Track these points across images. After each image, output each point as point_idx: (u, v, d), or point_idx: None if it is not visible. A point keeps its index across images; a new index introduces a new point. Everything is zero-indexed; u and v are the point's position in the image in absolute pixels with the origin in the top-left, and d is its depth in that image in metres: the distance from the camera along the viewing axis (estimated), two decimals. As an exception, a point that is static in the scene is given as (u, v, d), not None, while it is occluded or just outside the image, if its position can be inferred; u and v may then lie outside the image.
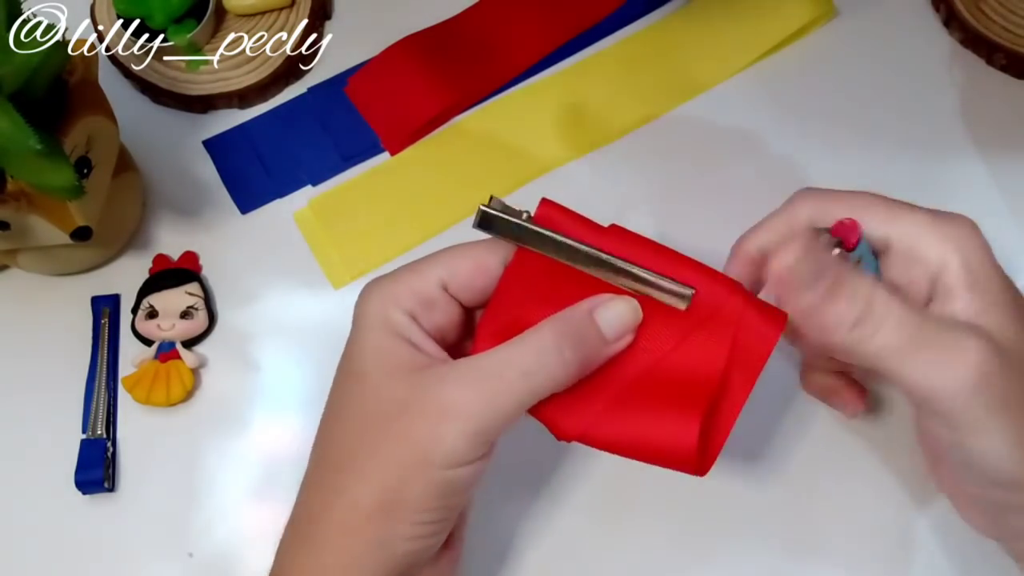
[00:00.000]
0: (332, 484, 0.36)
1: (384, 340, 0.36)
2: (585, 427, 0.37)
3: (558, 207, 0.38)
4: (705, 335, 0.37)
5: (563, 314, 0.36)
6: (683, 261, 0.38)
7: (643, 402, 0.37)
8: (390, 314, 0.36)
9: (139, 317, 0.51)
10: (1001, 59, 0.54)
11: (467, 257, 0.37)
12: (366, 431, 0.36)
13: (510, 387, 0.35)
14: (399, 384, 0.35)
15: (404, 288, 0.37)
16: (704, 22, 0.56)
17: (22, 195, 0.43)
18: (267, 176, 0.54)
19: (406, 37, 0.56)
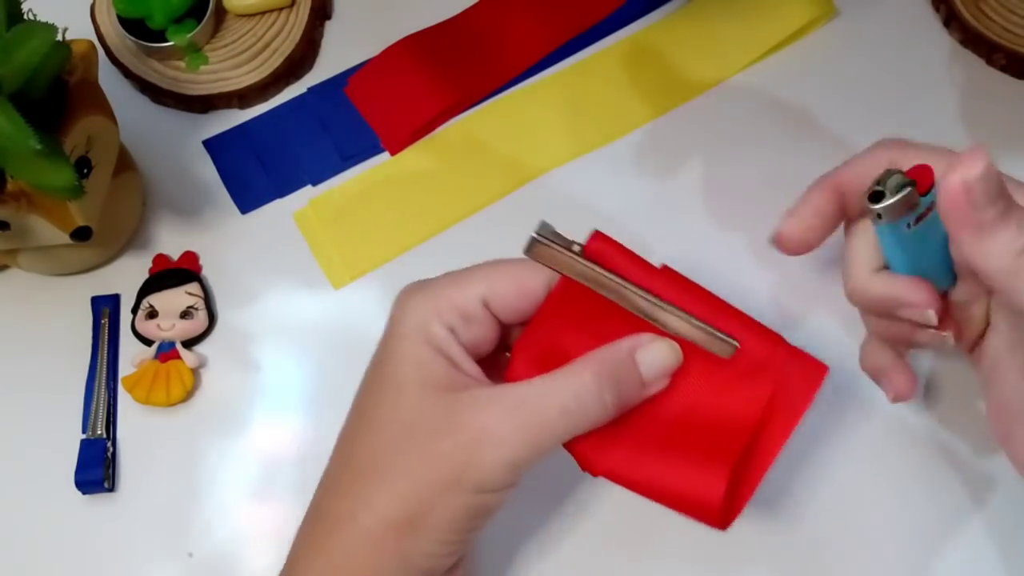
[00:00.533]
0: (358, 492, 0.36)
1: (424, 353, 0.36)
2: (613, 464, 0.37)
3: (610, 241, 0.38)
4: (743, 385, 0.37)
5: (605, 353, 0.36)
6: (729, 310, 0.37)
7: (673, 447, 0.37)
8: (431, 326, 0.36)
9: (139, 317, 0.51)
10: (1001, 59, 0.54)
11: (511, 277, 0.37)
12: (399, 444, 0.36)
13: (549, 423, 0.35)
14: (437, 402, 0.35)
15: (446, 300, 0.37)
16: (704, 22, 0.56)
17: (22, 195, 0.43)
18: (267, 176, 0.54)
19: (406, 37, 0.56)
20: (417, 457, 0.35)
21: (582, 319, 0.37)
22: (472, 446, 0.35)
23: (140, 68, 0.55)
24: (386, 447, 0.36)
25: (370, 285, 0.52)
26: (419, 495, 0.35)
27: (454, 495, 0.35)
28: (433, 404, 0.35)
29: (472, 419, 0.35)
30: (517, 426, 0.35)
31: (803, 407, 0.37)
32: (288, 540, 0.48)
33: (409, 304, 0.37)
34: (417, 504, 0.35)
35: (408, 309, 0.37)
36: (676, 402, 0.37)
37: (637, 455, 0.37)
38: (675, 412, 0.37)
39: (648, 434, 0.37)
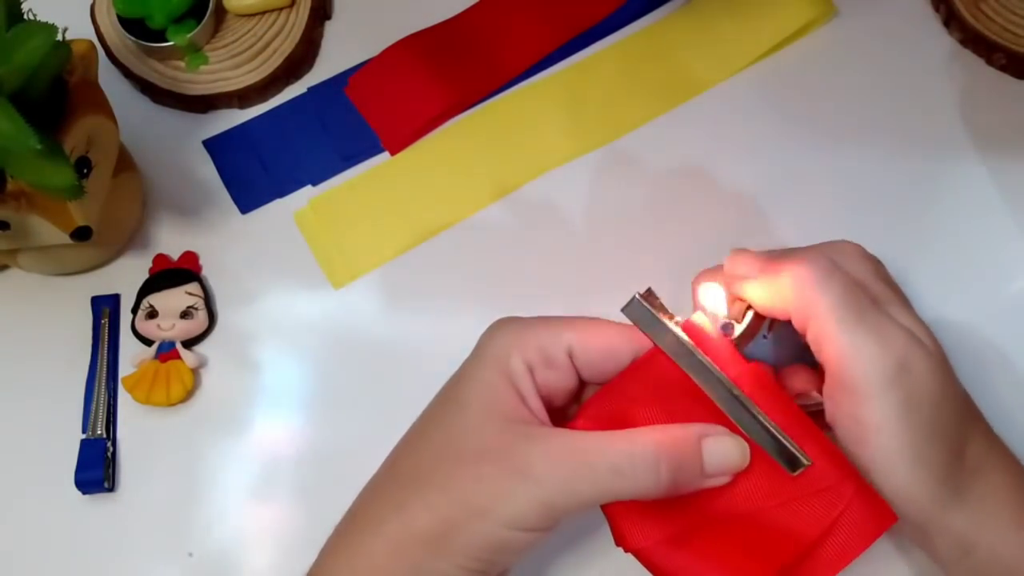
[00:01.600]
0: (393, 498, 0.37)
1: (495, 380, 0.37)
2: (648, 546, 0.36)
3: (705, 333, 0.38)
4: (802, 507, 0.35)
5: (673, 430, 0.36)
6: (810, 429, 0.36)
7: (713, 550, 0.36)
8: (510, 358, 0.37)
9: (139, 317, 0.51)
10: (1001, 59, 0.54)
11: (601, 335, 0.38)
12: (445, 460, 0.36)
13: (594, 475, 0.34)
14: (493, 428, 0.36)
15: (532, 338, 0.37)
16: (704, 22, 0.56)
17: (22, 195, 0.43)
18: (267, 176, 0.54)
19: (406, 37, 0.56)
20: (458, 476, 0.35)
21: (658, 394, 0.37)
22: (511, 477, 0.35)
23: (140, 68, 0.55)
24: (432, 460, 0.36)
25: (370, 285, 0.52)
26: (449, 513, 0.35)
27: (483, 522, 0.35)
28: (488, 429, 0.36)
29: (519, 451, 0.35)
30: (560, 468, 0.34)
31: (861, 547, 0.35)
32: (288, 540, 0.48)
33: (496, 334, 0.38)
34: (445, 522, 0.35)
35: (494, 338, 0.38)
36: (727, 504, 0.36)
37: (674, 545, 0.36)
38: (723, 514, 0.36)
39: (692, 528, 0.36)
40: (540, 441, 0.35)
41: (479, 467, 0.35)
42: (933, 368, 0.37)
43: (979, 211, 0.52)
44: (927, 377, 0.36)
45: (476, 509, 0.35)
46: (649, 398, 0.37)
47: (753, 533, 0.36)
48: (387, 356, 0.51)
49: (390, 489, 0.37)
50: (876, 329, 0.36)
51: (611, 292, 0.40)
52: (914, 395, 0.36)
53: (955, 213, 0.52)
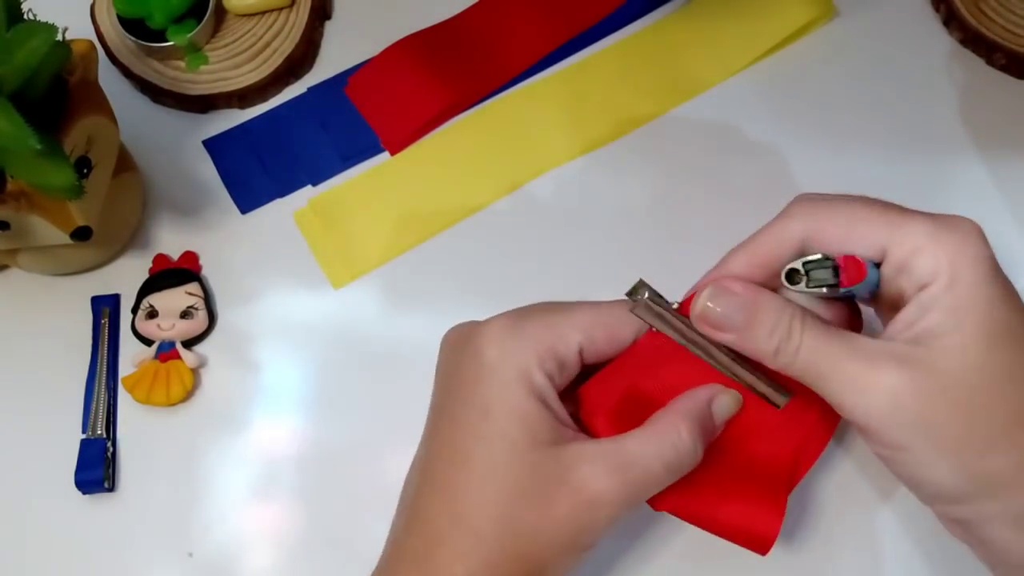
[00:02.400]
0: (472, 552, 0.36)
1: (530, 405, 0.36)
2: (677, 501, 0.39)
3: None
4: (786, 423, 0.39)
5: (692, 406, 0.38)
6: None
7: (729, 484, 0.39)
8: (535, 376, 0.37)
9: (139, 317, 0.51)
10: (1001, 59, 0.54)
11: (606, 326, 0.38)
12: (515, 504, 0.36)
13: (653, 479, 0.37)
14: (546, 460, 0.36)
15: (547, 348, 0.37)
16: (704, 22, 0.56)
17: (22, 195, 0.43)
18: (267, 176, 0.54)
19: (406, 37, 0.56)
20: (537, 520, 0.35)
21: (657, 368, 0.39)
22: (589, 510, 0.35)
23: (140, 68, 0.55)
24: (504, 507, 0.36)
25: (370, 285, 0.52)
26: (538, 559, 0.36)
27: (569, 555, 0.36)
28: (544, 464, 0.36)
29: (584, 481, 0.35)
30: (627, 485, 0.36)
31: (827, 437, 0.40)
32: (288, 540, 0.48)
33: (507, 344, 0.37)
34: (535, 567, 0.36)
35: (507, 349, 0.37)
36: (730, 442, 0.40)
37: (698, 492, 0.39)
38: (729, 451, 0.40)
39: (707, 470, 0.39)
40: (596, 464, 0.36)
41: (554, 508, 0.35)
42: None
43: (979, 211, 0.52)
44: None
45: (561, 548, 0.36)
46: (652, 371, 0.39)
47: (758, 462, 0.39)
48: (387, 356, 0.51)
49: (465, 540, 0.36)
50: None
51: (612, 291, 0.40)
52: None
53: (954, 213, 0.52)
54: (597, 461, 0.36)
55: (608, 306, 0.39)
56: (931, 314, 0.34)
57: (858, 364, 0.35)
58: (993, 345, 0.34)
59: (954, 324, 0.34)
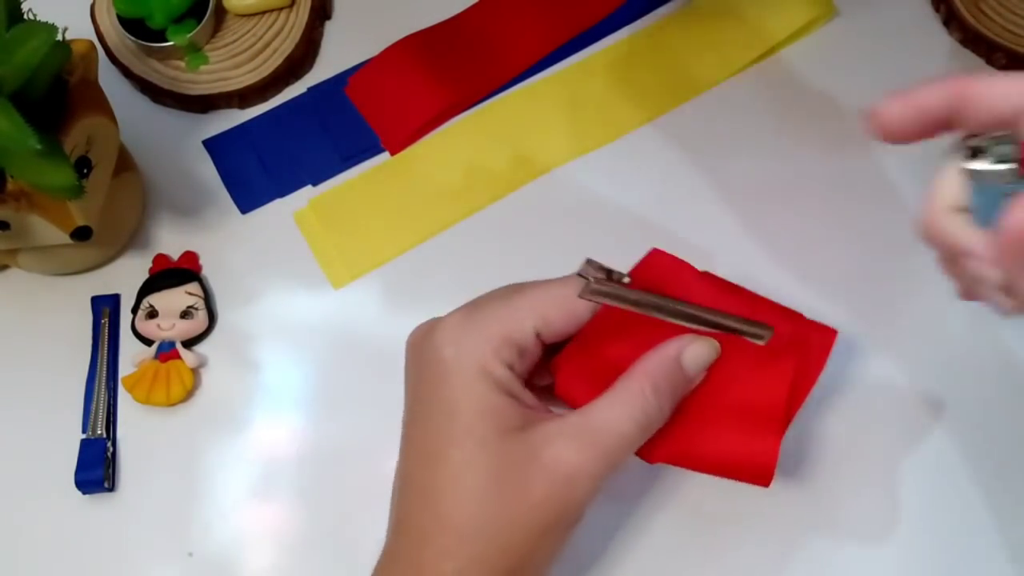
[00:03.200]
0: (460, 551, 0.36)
1: (495, 399, 0.36)
2: (672, 451, 0.39)
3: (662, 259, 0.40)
4: (774, 361, 0.40)
5: (655, 364, 0.38)
6: (760, 301, 0.41)
7: (720, 423, 0.40)
8: (494, 369, 0.37)
9: (139, 317, 0.51)
10: (1001, 59, 0.54)
11: (560, 305, 0.38)
12: (492, 498, 0.36)
13: (625, 443, 0.37)
14: (516, 447, 0.36)
15: (502, 337, 0.37)
16: (704, 22, 0.56)
17: (22, 195, 0.43)
18: (267, 176, 0.54)
19: (406, 37, 0.56)
20: (516, 508, 0.36)
21: (625, 330, 0.39)
22: (566, 487, 0.36)
23: (140, 68, 0.55)
24: (482, 501, 0.36)
25: (370, 285, 0.52)
26: (523, 545, 0.36)
27: (554, 535, 0.36)
28: (515, 451, 0.36)
29: (557, 459, 0.36)
30: (600, 455, 0.36)
31: (819, 368, 0.40)
32: (288, 540, 0.48)
33: (462, 342, 0.37)
34: (522, 553, 0.36)
35: (462, 347, 0.37)
36: (718, 385, 0.40)
37: (691, 437, 0.39)
38: (718, 393, 0.40)
39: (696, 415, 0.39)
40: (566, 440, 0.36)
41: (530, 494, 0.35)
42: None
43: (979, 211, 0.52)
44: None
45: (544, 530, 0.36)
46: (620, 338, 0.39)
47: (748, 400, 0.40)
48: (387, 356, 0.50)
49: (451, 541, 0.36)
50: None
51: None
52: None
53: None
54: (567, 436, 0.36)
55: (560, 283, 0.39)
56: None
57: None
58: None
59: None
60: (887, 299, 0.50)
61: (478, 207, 0.53)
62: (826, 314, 0.51)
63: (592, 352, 0.39)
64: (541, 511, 0.36)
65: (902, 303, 0.50)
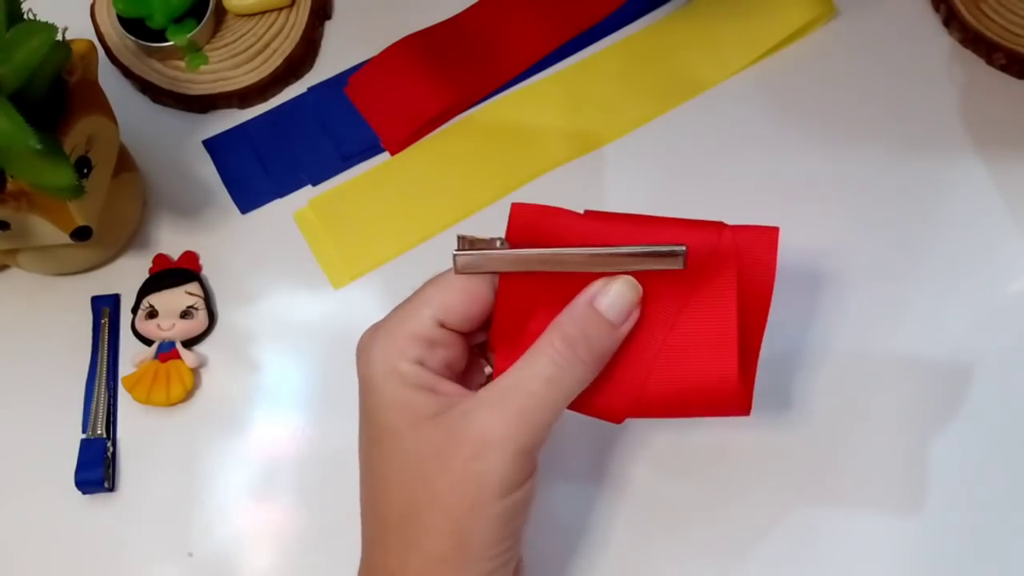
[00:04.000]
0: (402, 542, 0.36)
1: (403, 395, 0.36)
2: (634, 403, 0.38)
3: (527, 213, 0.38)
4: (711, 279, 0.38)
5: (565, 316, 0.37)
6: (663, 222, 0.38)
7: (678, 361, 0.38)
8: (399, 367, 0.36)
9: (139, 317, 0.51)
10: (1001, 59, 0.54)
11: (456, 290, 0.37)
12: (417, 486, 0.36)
13: (539, 399, 0.35)
14: (433, 432, 0.36)
15: (403, 336, 0.37)
16: (704, 22, 0.56)
17: (22, 195, 0.43)
18: (267, 176, 0.54)
19: (406, 37, 0.56)
20: (437, 491, 0.35)
21: (539, 294, 0.37)
22: (479, 456, 0.35)
23: (140, 68, 0.55)
24: (406, 493, 0.36)
25: (370, 285, 0.52)
26: (455, 524, 0.35)
27: (486, 508, 0.35)
28: (430, 436, 0.36)
29: (468, 431, 0.35)
30: (508, 415, 0.35)
31: (771, 273, 0.38)
32: (288, 540, 0.48)
33: (372, 353, 0.37)
34: (458, 533, 0.35)
35: (372, 358, 0.37)
36: (660, 324, 0.38)
37: (650, 385, 0.38)
38: (663, 332, 0.38)
39: (650, 362, 0.38)
40: (476, 409, 0.35)
41: (448, 472, 0.35)
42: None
43: (979, 211, 0.52)
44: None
45: (472, 504, 0.35)
46: (536, 303, 0.37)
47: (697, 333, 0.38)
48: (387, 356, 0.51)
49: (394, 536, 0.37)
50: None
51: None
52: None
53: (955, 213, 0.52)
54: (474, 408, 0.35)
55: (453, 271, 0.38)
56: None
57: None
58: None
59: None
60: (894, 298, 0.50)
61: (478, 207, 0.53)
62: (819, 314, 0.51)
63: (513, 326, 0.38)
64: (462, 485, 0.35)
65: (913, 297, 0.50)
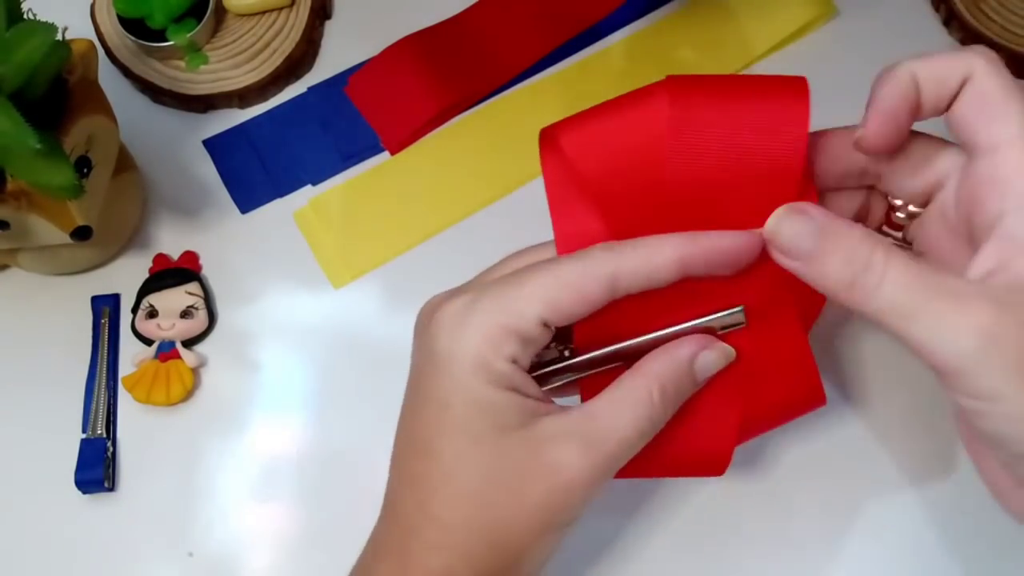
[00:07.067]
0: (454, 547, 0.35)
1: (491, 395, 0.34)
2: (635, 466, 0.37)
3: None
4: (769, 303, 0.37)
5: (667, 367, 0.36)
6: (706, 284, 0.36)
7: (759, 388, 0.38)
8: (494, 364, 0.34)
9: (139, 317, 0.51)
10: (1001, 59, 0.54)
11: (570, 287, 0.34)
12: (488, 496, 0.35)
13: (627, 448, 0.35)
14: (515, 447, 0.35)
15: (503, 330, 0.34)
16: (704, 22, 0.56)
17: (22, 195, 0.43)
18: (267, 176, 0.54)
19: (406, 37, 0.56)
20: (509, 508, 0.35)
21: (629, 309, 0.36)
22: (562, 492, 0.34)
23: (140, 68, 0.55)
24: (476, 501, 0.35)
25: (370, 285, 0.52)
26: (515, 545, 0.35)
27: (548, 536, 0.35)
28: (514, 451, 0.35)
29: (557, 463, 0.34)
30: (600, 460, 0.35)
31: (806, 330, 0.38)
32: (288, 540, 0.48)
33: (462, 334, 0.35)
34: (515, 554, 0.35)
35: (462, 341, 0.35)
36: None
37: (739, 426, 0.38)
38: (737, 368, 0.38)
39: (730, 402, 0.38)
40: (567, 441, 0.35)
41: (526, 495, 0.34)
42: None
43: (979, 211, 0.52)
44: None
45: (539, 531, 0.35)
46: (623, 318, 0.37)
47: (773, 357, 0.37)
48: (387, 356, 0.50)
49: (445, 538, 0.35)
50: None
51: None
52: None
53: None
54: (569, 439, 0.35)
55: (569, 264, 0.35)
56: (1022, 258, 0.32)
57: (950, 302, 0.31)
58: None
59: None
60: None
61: (478, 207, 0.53)
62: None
63: (605, 324, 0.36)
64: (537, 513, 0.35)
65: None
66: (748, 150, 0.35)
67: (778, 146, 0.35)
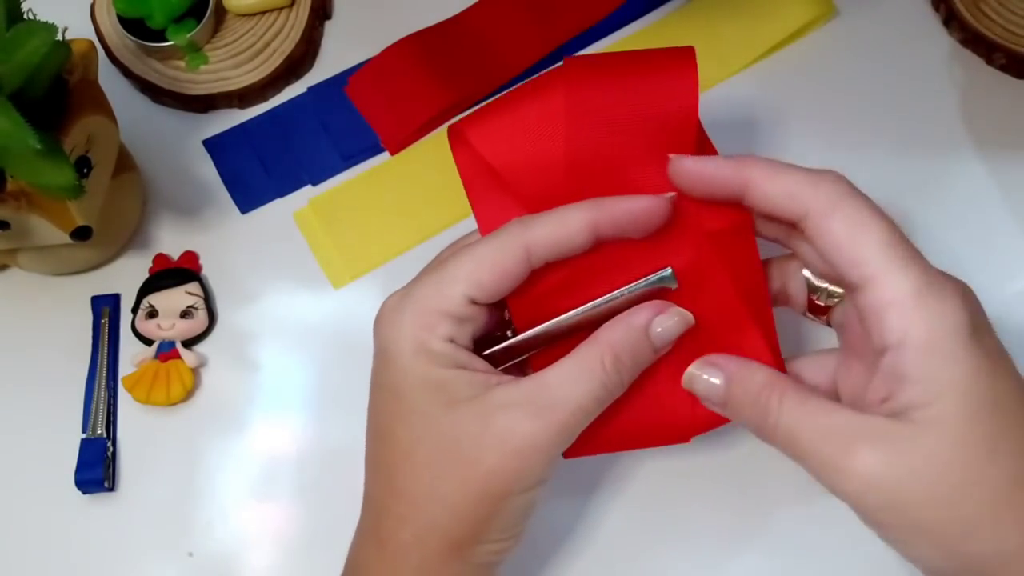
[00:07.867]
0: (419, 519, 0.37)
1: (434, 375, 0.36)
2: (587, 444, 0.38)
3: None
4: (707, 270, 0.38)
5: (622, 335, 0.37)
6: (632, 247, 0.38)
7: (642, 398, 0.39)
8: (430, 346, 0.36)
9: (139, 317, 0.51)
10: (1001, 59, 0.54)
11: (490, 265, 0.37)
12: (446, 467, 0.36)
13: (582, 416, 0.36)
14: (467, 418, 0.36)
15: (433, 313, 0.37)
16: (704, 22, 0.56)
17: (22, 195, 0.43)
18: (267, 176, 0.54)
19: (406, 37, 0.56)
20: (467, 477, 0.36)
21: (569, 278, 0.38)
22: (517, 457, 0.35)
23: (140, 68, 0.55)
24: (434, 471, 0.36)
25: (370, 285, 0.52)
26: (478, 510, 0.36)
27: (509, 501, 0.36)
28: (466, 422, 0.36)
29: (509, 429, 0.35)
30: (554, 427, 0.36)
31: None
32: (288, 540, 0.48)
33: (398, 328, 0.37)
34: (478, 518, 0.36)
35: (399, 334, 0.37)
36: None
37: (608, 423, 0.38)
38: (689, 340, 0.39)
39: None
40: (519, 409, 0.36)
41: (482, 463, 0.35)
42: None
43: (979, 211, 0.52)
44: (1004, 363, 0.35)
45: (498, 496, 0.36)
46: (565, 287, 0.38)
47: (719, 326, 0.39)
48: (387, 356, 0.51)
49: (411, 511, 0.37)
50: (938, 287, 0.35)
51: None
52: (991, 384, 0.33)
53: (954, 213, 0.52)
54: (520, 406, 0.36)
55: (486, 241, 0.37)
56: (908, 387, 0.34)
57: (834, 447, 0.34)
58: (974, 418, 0.33)
59: (934, 396, 0.33)
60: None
61: (478, 207, 0.53)
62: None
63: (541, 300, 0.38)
64: (494, 478, 0.35)
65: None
66: (646, 120, 0.37)
67: (672, 112, 0.37)
